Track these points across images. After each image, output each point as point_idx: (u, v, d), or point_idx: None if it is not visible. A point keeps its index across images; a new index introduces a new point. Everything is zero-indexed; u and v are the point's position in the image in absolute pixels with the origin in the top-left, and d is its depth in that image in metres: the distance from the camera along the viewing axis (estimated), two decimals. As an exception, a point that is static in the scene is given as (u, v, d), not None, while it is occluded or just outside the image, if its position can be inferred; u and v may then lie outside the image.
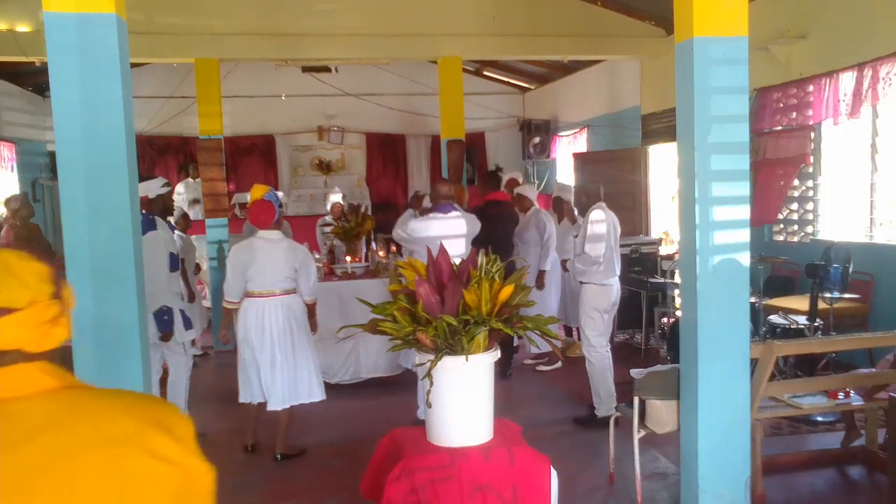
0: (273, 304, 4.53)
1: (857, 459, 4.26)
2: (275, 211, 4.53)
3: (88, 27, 2.87)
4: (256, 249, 4.51)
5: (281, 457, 4.67)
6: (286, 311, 4.57)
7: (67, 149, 2.90)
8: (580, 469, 4.31)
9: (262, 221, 4.51)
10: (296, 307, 4.65)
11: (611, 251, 5.01)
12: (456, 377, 2.77)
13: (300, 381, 4.65)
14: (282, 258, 4.50)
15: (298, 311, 4.66)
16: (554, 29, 8.38)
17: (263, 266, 4.49)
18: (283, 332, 4.56)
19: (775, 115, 6.85)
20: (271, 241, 4.53)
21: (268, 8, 7.79)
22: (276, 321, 4.53)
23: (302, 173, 12.70)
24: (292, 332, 4.60)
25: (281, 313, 4.54)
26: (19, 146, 10.07)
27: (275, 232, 4.58)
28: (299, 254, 4.58)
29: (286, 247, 4.56)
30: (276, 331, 4.54)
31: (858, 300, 5.78)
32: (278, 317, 4.54)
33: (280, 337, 4.55)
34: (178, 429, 1.10)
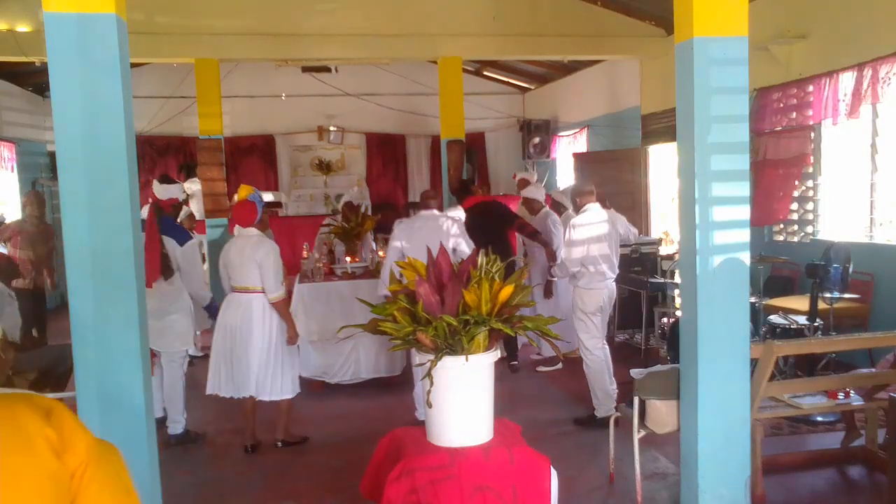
0: (248, 298, 4.64)
1: (857, 459, 4.26)
2: (256, 211, 4.67)
3: (88, 27, 2.87)
4: (233, 247, 4.72)
5: (282, 444, 4.77)
6: (262, 307, 4.64)
7: (67, 149, 2.90)
8: (580, 469, 4.31)
9: (243, 220, 4.68)
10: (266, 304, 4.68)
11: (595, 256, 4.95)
12: (456, 377, 2.77)
13: (274, 377, 4.69)
14: (249, 253, 4.61)
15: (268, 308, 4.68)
16: (554, 29, 8.38)
17: (236, 263, 4.65)
18: (262, 326, 4.62)
19: (775, 115, 6.85)
20: (246, 238, 4.68)
21: (268, 8, 7.79)
22: (245, 316, 4.62)
23: (302, 173, 12.71)
24: (271, 327, 4.66)
25: (256, 308, 4.62)
26: (19, 146, 10.07)
27: (252, 230, 4.70)
28: (259, 249, 4.60)
29: (253, 242, 4.65)
30: (255, 325, 4.62)
31: (858, 300, 5.78)
32: (252, 312, 4.62)
33: (259, 331, 4.61)
34: (53, 413, 1.07)
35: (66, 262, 2.93)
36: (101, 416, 2.91)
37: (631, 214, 9.02)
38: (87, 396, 2.94)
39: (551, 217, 6.72)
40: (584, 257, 4.94)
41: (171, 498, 3.64)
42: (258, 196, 4.76)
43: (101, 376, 2.94)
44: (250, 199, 4.67)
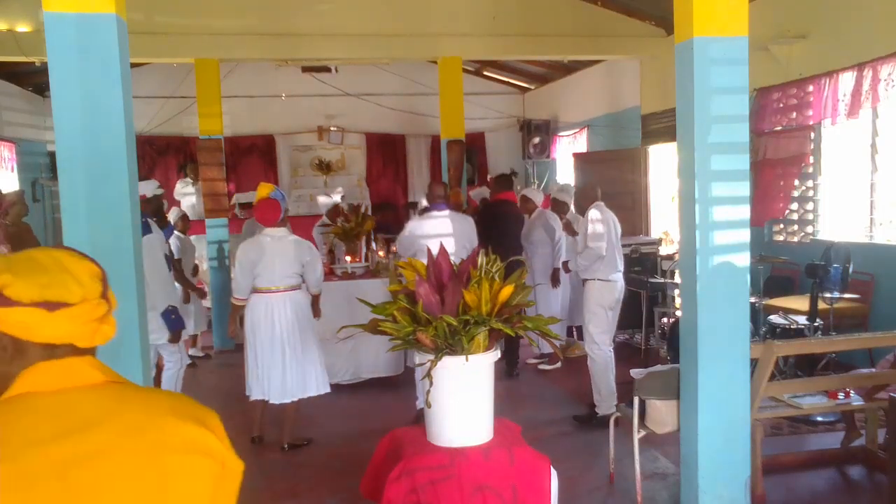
0: (280, 299, 4.64)
1: (857, 459, 4.26)
2: (280, 209, 4.64)
3: (88, 27, 2.87)
4: (265, 246, 4.62)
5: (288, 447, 4.79)
6: (293, 306, 4.68)
7: (67, 149, 2.90)
8: (580, 469, 4.31)
9: (268, 219, 4.63)
10: (302, 302, 4.77)
11: (612, 248, 5.04)
12: (456, 377, 2.77)
13: (308, 374, 4.76)
14: (291, 254, 4.63)
15: (304, 306, 4.78)
16: (554, 29, 8.38)
17: (272, 262, 4.60)
18: (291, 326, 4.66)
19: (775, 115, 6.85)
20: (278, 237, 4.65)
21: (268, 8, 7.79)
22: (285, 316, 4.64)
23: (302, 173, 12.70)
24: (300, 326, 4.71)
25: (289, 308, 4.66)
26: (19, 146, 10.07)
27: (281, 229, 4.69)
28: (306, 249, 4.72)
29: (293, 243, 4.68)
30: (284, 325, 4.65)
31: (858, 300, 5.78)
32: (286, 311, 4.64)
33: (289, 331, 4.66)
34: (212, 423, 1.16)
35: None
36: (101, 416, 2.91)
37: (631, 214, 9.05)
38: (87, 396, 2.93)
39: (546, 213, 6.76)
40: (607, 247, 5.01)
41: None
42: (280, 193, 4.74)
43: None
44: (272, 197, 4.63)
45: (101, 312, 1.13)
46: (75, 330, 1.10)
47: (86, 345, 1.12)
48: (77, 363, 1.10)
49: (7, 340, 1.08)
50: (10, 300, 1.05)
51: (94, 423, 1.03)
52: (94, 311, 1.11)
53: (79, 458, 0.99)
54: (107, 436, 1.03)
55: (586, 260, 5.07)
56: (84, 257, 1.16)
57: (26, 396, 1.06)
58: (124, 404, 1.09)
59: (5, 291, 1.05)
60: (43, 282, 1.07)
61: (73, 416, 1.04)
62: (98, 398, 1.08)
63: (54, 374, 1.08)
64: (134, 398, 1.11)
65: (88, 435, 1.02)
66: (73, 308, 1.08)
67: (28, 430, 1.00)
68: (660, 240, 7.89)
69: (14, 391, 1.07)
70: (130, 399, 1.11)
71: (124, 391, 1.12)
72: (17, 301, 1.05)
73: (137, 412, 1.08)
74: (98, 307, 1.12)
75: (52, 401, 1.05)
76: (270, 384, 4.70)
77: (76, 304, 1.09)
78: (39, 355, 1.08)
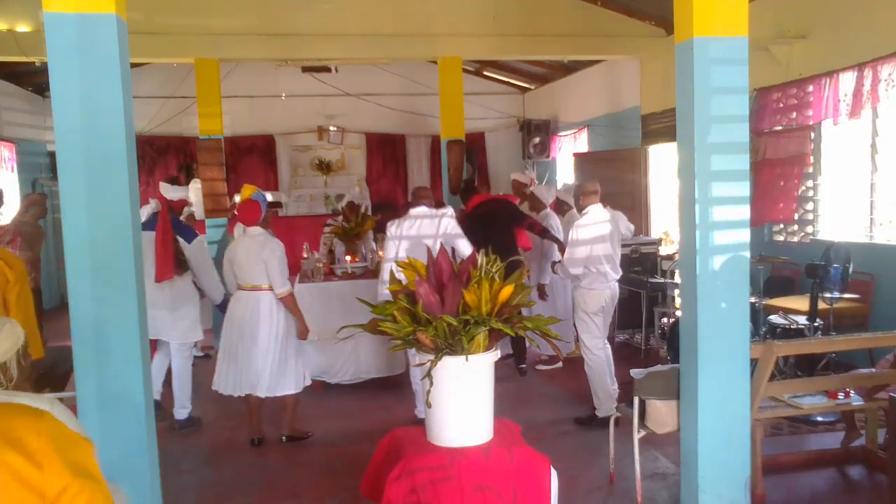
0: (256, 296, 4.72)
1: (857, 459, 4.26)
2: (260, 210, 4.78)
3: (88, 27, 2.87)
4: (240, 246, 4.80)
5: (286, 439, 4.84)
6: (269, 304, 4.73)
7: (67, 149, 2.90)
8: (580, 469, 4.31)
9: (248, 219, 4.78)
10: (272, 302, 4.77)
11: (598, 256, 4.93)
12: (456, 377, 2.77)
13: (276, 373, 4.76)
14: (255, 252, 4.70)
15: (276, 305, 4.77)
16: (554, 29, 8.38)
17: (242, 261, 4.74)
18: (268, 323, 4.71)
19: (775, 115, 6.85)
20: (252, 237, 4.77)
21: (268, 8, 7.79)
22: (252, 314, 4.70)
23: (302, 173, 12.70)
24: (278, 324, 4.74)
25: (263, 305, 4.71)
26: (19, 146, 10.07)
27: (257, 229, 4.79)
28: (265, 248, 4.71)
29: (259, 242, 4.73)
30: (251, 323, 4.70)
31: (858, 300, 5.77)
32: (257, 309, 4.71)
33: (251, 329, 4.69)
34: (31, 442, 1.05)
35: (66, 262, 2.93)
36: (101, 416, 2.92)
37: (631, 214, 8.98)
38: (87, 396, 2.94)
39: (551, 219, 6.71)
40: (587, 258, 4.92)
41: (171, 498, 3.65)
42: (262, 195, 4.86)
43: (101, 376, 2.94)
44: (254, 199, 4.77)
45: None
46: None
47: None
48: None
49: None
50: None
51: None
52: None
53: None
54: None
55: (562, 272, 5.08)
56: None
57: None
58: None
59: None
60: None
61: None
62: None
63: None
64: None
65: None
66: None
67: None
68: (660, 240, 7.89)
69: None
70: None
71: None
72: None
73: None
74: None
75: None
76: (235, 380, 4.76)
77: None
78: None
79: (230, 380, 4.78)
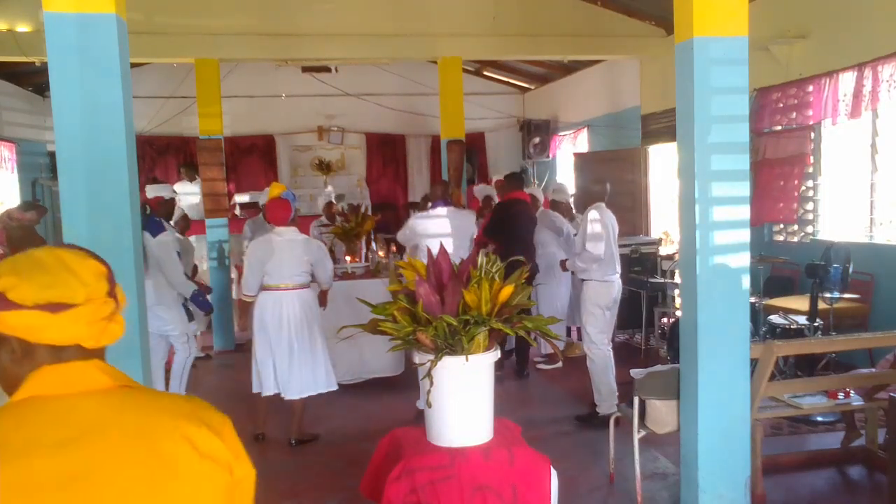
0: (290, 296, 4.74)
1: (857, 459, 4.26)
2: (291, 209, 4.79)
3: (88, 27, 2.87)
4: (274, 245, 4.73)
5: (295, 442, 4.85)
6: (302, 304, 4.76)
7: (67, 149, 2.90)
8: (580, 469, 4.31)
9: (279, 218, 4.76)
10: (310, 300, 4.85)
11: (610, 248, 5.04)
12: (456, 377, 2.77)
13: (316, 371, 4.82)
14: (299, 252, 4.73)
15: (313, 304, 4.87)
16: (554, 29, 8.38)
17: (282, 260, 4.70)
18: (300, 323, 4.74)
19: (775, 115, 6.85)
20: (288, 236, 4.75)
21: (268, 8, 7.79)
22: (294, 313, 4.73)
23: (302, 173, 12.70)
24: (308, 323, 4.78)
25: (298, 306, 4.74)
26: (19, 146, 10.07)
27: (291, 228, 4.79)
28: (314, 248, 4.84)
29: (302, 242, 4.78)
30: (293, 322, 4.72)
31: (858, 300, 5.77)
32: (295, 309, 4.73)
33: (297, 328, 4.73)
34: (221, 427, 1.12)
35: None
36: (101, 416, 2.91)
37: (631, 214, 9.05)
38: (87, 396, 2.93)
39: (549, 213, 6.75)
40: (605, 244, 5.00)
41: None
42: (291, 194, 4.92)
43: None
44: (283, 197, 4.78)
45: (107, 311, 1.11)
46: (81, 331, 1.08)
47: (93, 345, 1.11)
48: (83, 367, 1.09)
49: (15, 342, 1.07)
50: (15, 303, 1.04)
51: (96, 430, 1.02)
52: (99, 311, 1.10)
53: (80, 467, 0.98)
54: (108, 443, 1.01)
55: (584, 262, 5.08)
56: (88, 255, 1.15)
57: (32, 400, 1.05)
58: (128, 409, 1.07)
59: (9, 294, 1.04)
60: (46, 283, 1.06)
61: (76, 423, 1.02)
62: (102, 403, 1.07)
63: (60, 378, 1.06)
64: (139, 402, 1.10)
65: (90, 442, 1.00)
66: (78, 309, 1.07)
67: (31, 436, 0.99)
68: (660, 240, 7.89)
69: (21, 395, 1.06)
70: (135, 403, 1.09)
71: (130, 396, 1.11)
72: (21, 304, 1.04)
73: (141, 417, 1.06)
74: (104, 306, 1.10)
75: (57, 406, 1.04)
76: (279, 380, 4.77)
77: (81, 305, 1.07)
78: (47, 357, 1.07)
79: (290, 381, 4.75)
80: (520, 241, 5.85)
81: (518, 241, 5.82)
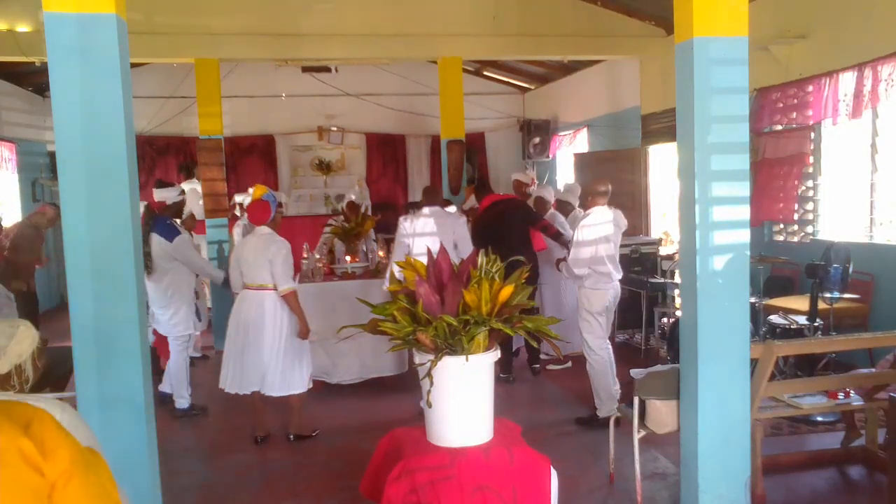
0: (262, 296, 4.77)
1: (857, 459, 4.26)
2: (269, 210, 4.86)
3: (88, 27, 2.87)
4: (247, 245, 4.87)
5: (294, 438, 4.88)
6: (274, 303, 4.76)
7: (67, 149, 2.90)
8: (580, 469, 4.31)
9: (257, 219, 4.86)
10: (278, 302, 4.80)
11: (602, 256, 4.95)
12: (456, 377, 2.77)
13: (282, 372, 4.80)
14: (261, 251, 4.75)
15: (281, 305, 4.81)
16: (554, 29, 8.38)
17: (249, 259, 4.80)
18: (259, 323, 4.74)
19: (775, 115, 6.85)
20: (259, 236, 4.83)
21: (268, 8, 7.79)
22: (258, 313, 4.74)
23: (302, 173, 12.70)
24: (282, 323, 4.77)
25: (268, 305, 4.75)
26: (19, 146, 10.07)
27: (264, 228, 4.85)
28: (271, 246, 4.76)
29: (265, 241, 4.79)
30: (252, 322, 4.74)
31: (858, 300, 5.77)
32: (264, 308, 4.74)
33: (256, 328, 4.73)
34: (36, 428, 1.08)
35: (66, 262, 2.93)
36: (100, 416, 2.92)
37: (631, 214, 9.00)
38: (87, 396, 2.94)
39: (557, 218, 6.72)
40: (591, 258, 4.94)
41: (171, 498, 3.65)
42: (272, 195, 4.96)
43: (101, 376, 2.94)
44: (264, 199, 4.86)
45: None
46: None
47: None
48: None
49: None
50: None
51: None
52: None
53: None
54: None
55: (567, 272, 5.12)
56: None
57: None
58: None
59: None
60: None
61: None
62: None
63: None
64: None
65: None
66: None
67: None
68: (660, 240, 7.89)
69: None
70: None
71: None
72: None
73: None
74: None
75: None
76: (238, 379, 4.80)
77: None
78: None
79: (236, 378, 4.81)
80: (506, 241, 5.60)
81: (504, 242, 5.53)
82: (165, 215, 5.51)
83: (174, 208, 5.67)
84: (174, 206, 5.66)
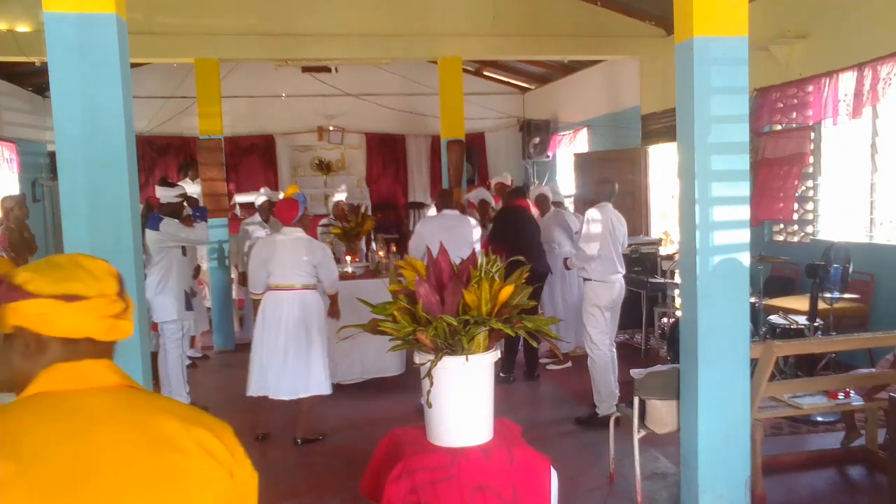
0: (290, 297, 4.73)
1: (857, 459, 4.26)
2: (298, 209, 4.83)
3: (88, 27, 2.87)
4: (277, 245, 4.78)
5: (301, 441, 4.85)
6: (302, 305, 4.74)
7: (67, 149, 2.90)
8: (580, 469, 4.31)
9: (285, 217, 4.83)
10: (312, 302, 4.82)
11: (610, 249, 5.02)
12: (456, 377, 2.77)
13: (310, 373, 4.79)
14: (301, 253, 4.73)
15: (315, 306, 4.83)
16: (554, 29, 8.38)
17: (283, 260, 4.72)
18: (298, 324, 4.72)
19: (775, 115, 6.85)
20: (291, 237, 4.77)
21: (268, 8, 7.79)
22: (292, 314, 4.71)
23: (302, 173, 12.69)
24: (307, 325, 4.76)
25: (297, 306, 4.73)
26: (19, 146, 10.06)
27: (296, 229, 4.81)
28: (317, 250, 4.82)
29: (305, 243, 4.77)
30: (291, 323, 4.71)
31: (858, 300, 5.77)
32: (294, 310, 4.72)
33: (295, 329, 4.71)
34: (222, 432, 1.16)
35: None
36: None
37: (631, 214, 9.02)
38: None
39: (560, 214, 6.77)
40: (601, 248, 4.99)
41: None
42: (303, 196, 4.97)
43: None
44: (295, 198, 4.86)
45: (117, 309, 1.16)
46: (92, 323, 1.13)
47: (104, 338, 1.15)
48: (93, 365, 1.13)
49: (29, 336, 1.11)
50: (31, 293, 1.10)
51: (104, 422, 1.06)
52: (110, 307, 1.15)
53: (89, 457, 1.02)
54: (115, 436, 1.05)
55: (578, 260, 5.12)
56: (99, 259, 1.22)
57: (41, 396, 1.09)
58: (136, 406, 1.12)
59: (26, 286, 1.10)
60: (61, 277, 1.12)
61: (86, 415, 1.06)
62: (111, 399, 1.11)
63: (70, 374, 1.11)
64: (146, 402, 1.14)
65: (98, 433, 1.04)
66: (90, 301, 1.12)
67: (38, 430, 1.03)
68: (660, 240, 7.89)
69: (31, 390, 1.10)
70: (142, 402, 1.13)
71: (138, 395, 1.15)
72: (36, 294, 1.10)
73: (147, 414, 1.11)
74: (114, 304, 1.15)
75: (65, 400, 1.08)
76: (268, 380, 4.75)
77: (92, 298, 1.12)
78: (59, 353, 1.12)
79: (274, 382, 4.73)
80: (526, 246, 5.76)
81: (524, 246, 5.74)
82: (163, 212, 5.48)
83: (169, 208, 5.63)
84: (169, 205, 5.62)
